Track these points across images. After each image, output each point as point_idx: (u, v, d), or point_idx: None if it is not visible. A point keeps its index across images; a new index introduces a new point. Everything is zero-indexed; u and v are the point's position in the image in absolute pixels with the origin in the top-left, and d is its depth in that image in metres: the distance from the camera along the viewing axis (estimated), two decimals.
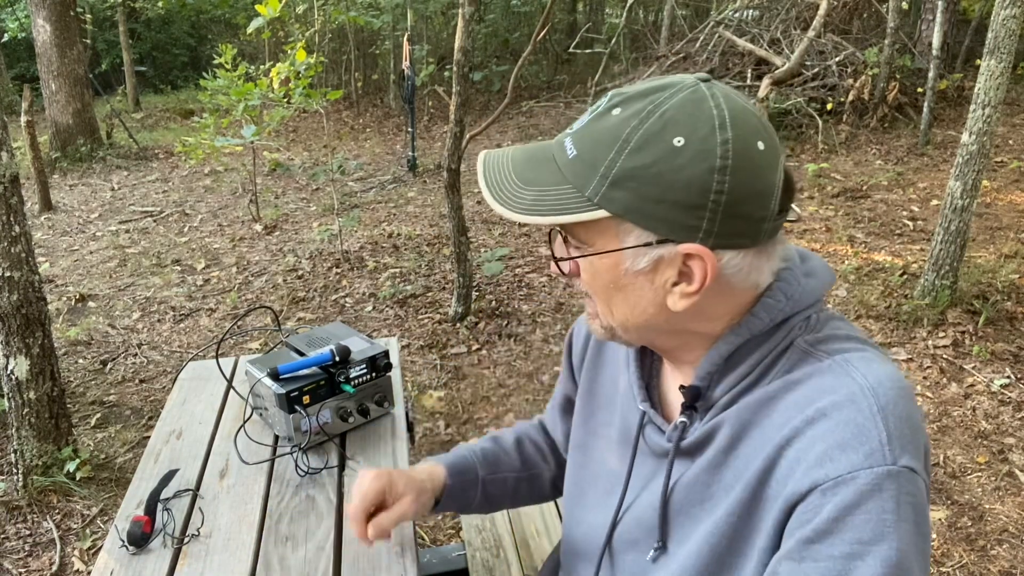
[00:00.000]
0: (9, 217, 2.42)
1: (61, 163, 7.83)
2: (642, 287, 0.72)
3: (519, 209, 0.70)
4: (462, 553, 1.70)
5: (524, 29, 11.64)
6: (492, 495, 1.11)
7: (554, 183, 0.71)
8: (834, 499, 0.63)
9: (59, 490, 2.62)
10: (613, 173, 0.67)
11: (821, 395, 0.68)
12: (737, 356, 0.74)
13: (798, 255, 0.77)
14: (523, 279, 4.45)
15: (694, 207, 0.66)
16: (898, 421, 0.64)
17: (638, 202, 0.67)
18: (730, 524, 0.72)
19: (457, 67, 3.50)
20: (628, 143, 0.67)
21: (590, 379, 0.98)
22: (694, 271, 0.69)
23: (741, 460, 0.72)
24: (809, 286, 0.75)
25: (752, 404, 0.72)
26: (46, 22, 7.34)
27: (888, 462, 0.63)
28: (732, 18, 8.40)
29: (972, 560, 2.26)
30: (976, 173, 3.38)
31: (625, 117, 0.68)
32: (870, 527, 0.61)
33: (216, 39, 13.34)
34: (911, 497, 0.63)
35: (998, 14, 3.23)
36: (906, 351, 3.39)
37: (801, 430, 0.67)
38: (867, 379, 0.67)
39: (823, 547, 0.63)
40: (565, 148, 0.72)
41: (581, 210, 0.68)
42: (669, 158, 0.66)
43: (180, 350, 3.79)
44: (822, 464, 0.64)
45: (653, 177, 0.66)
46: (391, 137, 9.08)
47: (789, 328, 0.74)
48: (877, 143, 6.82)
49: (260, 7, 4.30)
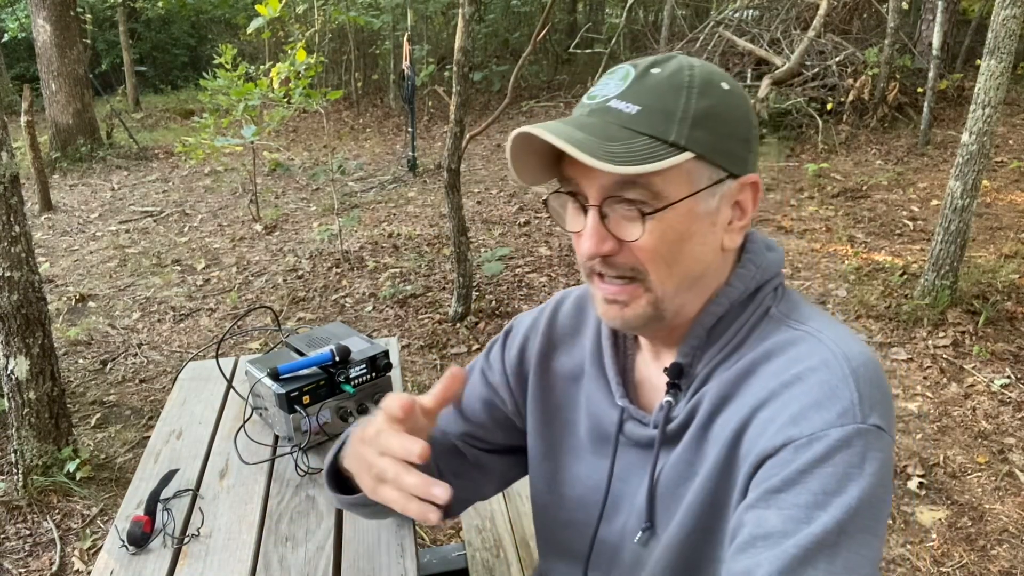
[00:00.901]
0: (9, 217, 2.42)
1: (61, 163, 7.83)
2: (707, 231, 0.75)
3: (615, 160, 0.67)
4: (462, 553, 1.70)
5: (524, 29, 11.64)
6: None
7: (629, 137, 0.70)
8: (806, 454, 0.66)
9: (59, 490, 2.62)
10: (692, 115, 0.71)
11: (797, 362, 0.71)
12: (718, 328, 0.78)
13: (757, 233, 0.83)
14: (523, 279, 4.45)
15: (748, 140, 0.75)
16: (868, 384, 0.69)
17: (716, 140, 0.72)
18: (708, 490, 0.75)
19: (457, 67, 3.50)
20: (692, 89, 0.72)
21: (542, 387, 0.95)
22: (745, 203, 0.77)
23: (718, 430, 0.75)
24: (772, 258, 0.81)
25: (731, 377, 0.75)
26: (46, 22, 7.34)
27: (859, 420, 0.66)
28: (732, 18, 8.40)
29: (972, 560, 2.26)
30: (976, 173, 3.38)
31: (673, 70, 0.73)
32: (836, 479, 0.65)
33: (216, 39, 13.34)
34: (878, 452, 0.66)
35: (998, 14, 3.23)
36: (906, 351, 3.39)
37: (777, 392, 0.71)
38: (839, 346, 0.71)
39: (788, 496, 0.66)
40: (619, 109, 0.72)
41: (671, 155, 0.69)
42: (726, 99, 0.73)
43: (180, 350, 3.79)
44: (796, 422, 0.67)
45: (721, 114, 0.72)
46: (391, 137, 9.09)
47: (762, 298, 0.79)
48: (877, 143, 6.81)
49: (260, 7, 4.30)
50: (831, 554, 0.63)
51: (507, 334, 1.01)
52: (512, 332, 1.01)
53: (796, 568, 0.63)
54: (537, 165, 0.77)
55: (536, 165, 0.77)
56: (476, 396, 1.02)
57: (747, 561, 0.65)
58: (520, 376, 0.98)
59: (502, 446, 1.03)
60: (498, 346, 1.02)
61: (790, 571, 0.63)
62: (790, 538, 0.64)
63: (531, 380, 0.96)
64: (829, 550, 0.63)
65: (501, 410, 1.01)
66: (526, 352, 0.97)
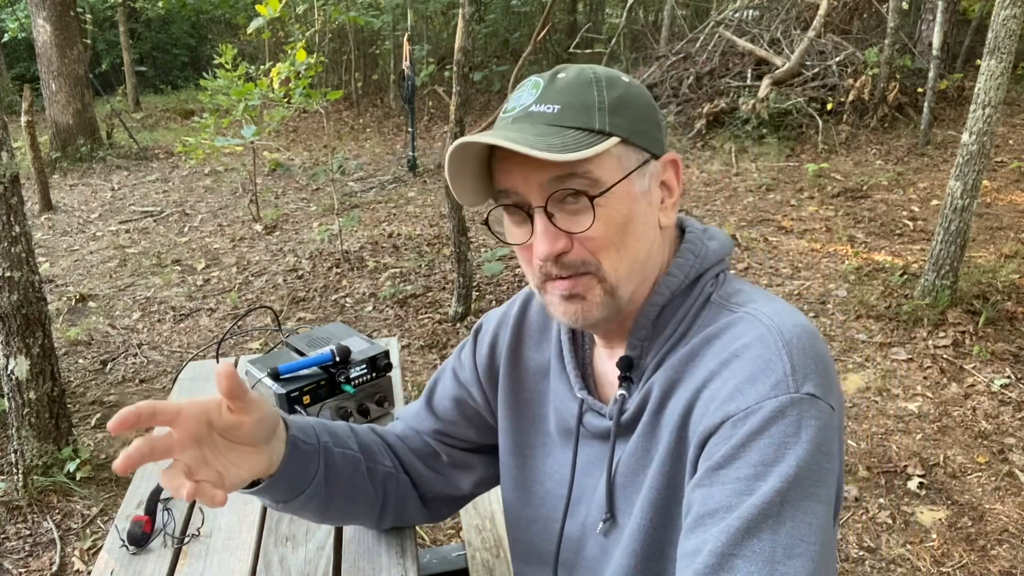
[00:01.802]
0: (9, 217, 2.42)
1: (61, 163, 7.83)
2: (645, 211, 0.78)
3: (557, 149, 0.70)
4: (462, 553, 1.70)
5: (524, 29, 11.64)
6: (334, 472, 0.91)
7: (557, 133, 0.73)
8: (742, 428, 0.67)
9: (59, 490, 2.62)
10: (608, 104, 0.75)
11: (734, 341, 0.73)
12: (662, 319, 0.80)
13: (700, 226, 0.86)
14: (523, 279, 4.45)
15: (657, 122, 0.80)
16: (801, 353, 0.70)
17: (634, 124, 0.76)
18: (663, 474, 0.76)
19: (457, 67, 3.50)
20: (600, 82, 0.77)
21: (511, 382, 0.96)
22: (671, 180, 0.81)
23: (668, 416, 0.77)
24: (712, 247, 0.83)
25: (676, 363, 0.77)
26: (46, 22, 7.34)
27: (791, 390, 0.68)
28: (732, 18, 8.40)
29: (972, 560, 2.26)
30: (976, 173, 3.38)
31: (576, 72, 0.78)
32: (772, 449, 0.66)
33: (216, 39, 13.35)
34: (815, 420, 0.67)
35: (998, 14, 3.23)
36: (906, 351, 3.39)
37: (716, 371, 0.73)
38: (772, 320, 0.73)
39: (730, 471, 0.67)
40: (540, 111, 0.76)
41: (600, 141, 0.73)
42: (629, 88, 0.78)
43: (180, 350, 3.79)
44: (733, 398, 0.69)
45: (632, 100, 0.77)
46: (391, 137, 9.09)
47: (702, 286, 0.81)
48: (877, 143, 6.82)
49: (260, 7, 4.30)
50: (775, 524, 0.64)
51: (477, 331, 1.02)
52: (482, 329, 1.01)
53: (741, 540, 0.64)
54: (472, 184, 0.79)
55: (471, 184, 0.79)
56: (447, 394, 1.03)
57: (696, 539, 0.67)
58: (491, 372, 0.99)
59: (476, 444, 1.04)
60: (469, 344, 1.03)
61: (735, 544, 0.64)
62: (733, 512, 0.65)
63: (501, 376, 0.97)
64: (773, 520, 0.64)
65: (472, 407, 1.01)
66: (496, 348, 0.98)
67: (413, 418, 1.06)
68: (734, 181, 6.20)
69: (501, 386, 0.97)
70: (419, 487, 1.02)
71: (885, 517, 2.43)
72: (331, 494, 0.92)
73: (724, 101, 7.38)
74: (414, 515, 1.05)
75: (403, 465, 1.01)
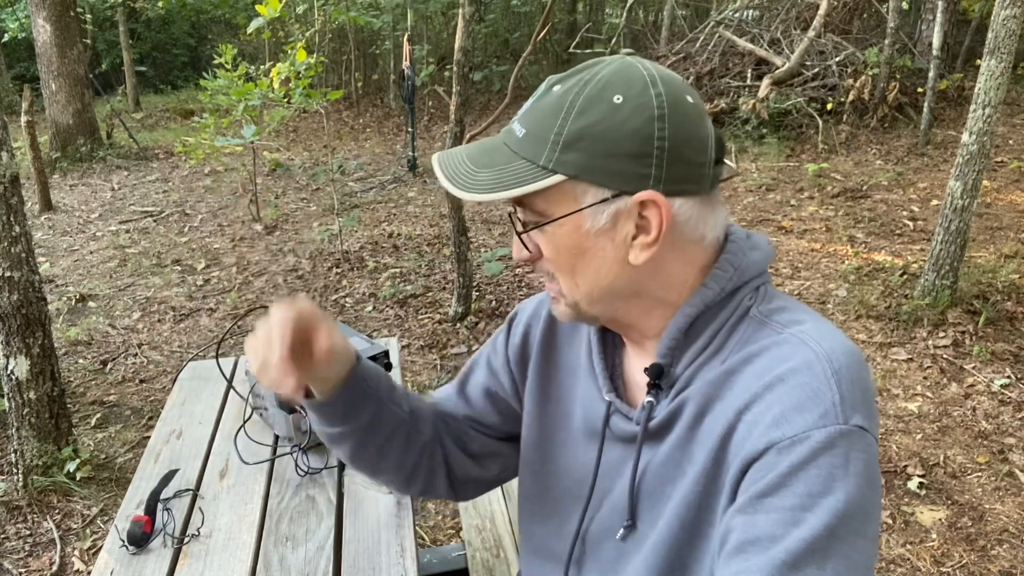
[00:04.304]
0: (9, 217, 2.42)
1: (61, 163, 7.83)
2: (604, 247, 0.75)
3: (478, 189, 0.73)
4: (462, 553, 1.70)
5: (524, 29, 11.63)
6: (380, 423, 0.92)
7: (507, 162, 0.74)
8: (789, 456, 0.66)
9: (59, 490, 2.62)
10: (563, 138, 0.72)
11: (779, 363, 0.71)
12: (695, 329, 0.78)
13: (744, 233, 0.82)
14: (523, 279, 4.45)
15: (641, 155, 0.71)
16: (850, 384, 0.68)
17: (590, 160, 0.72)
18: (696, 494, 0.75)
19: (457, 67, 3.50)
20: (572, 108, 0.72)
21: (541, 376, 0.96)
22: (651, 220, 0.73)
23: (705, 433, 0.75)
24: (754, 257, 0.79)
25: (714, 379, 0.75)
26: (46, 22, 7.34)
27: (840, 421, 0.66)
28: (732, 18, 8.40)
29: (972, 560, 2.26)
30: (976, 173, 3.38)
31: (565, 89, 0.74)
32: (820, 480, 0.64)
33: (216, 39, 13.35)
34: (862, 453, 0.66)
35: (998, 14, 3.23)
36: (906, 351, 3.39)
37: (760, 395, 0.70)
38: (821, 346, 0.71)
39: (775, 500, 0.66)
40: (514, 131, 0.76)
41: (538, 179, 0.72)
42: (612, 114, 0.71)
43: (180, 350, 3.79)
44: (779, 425, 0.67)
45: (600, 134, 0.71)
46: (391, 137, 9.09)
47: (740, 298, 0.78)
48: (877, 143, 6.81)
49: (260, 7, 4.30)
50: (821, 559, 0.62)
51: (512, 320, 1.02)
52: (516, 318, 1.02)
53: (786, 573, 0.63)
54: None
55: None
56: (480, 383, 1.03)
57: (737, 566, 0.65)
58: (522, 362, 0.99)
59: (506, 433, 1.03)
60: (503, 332, 1.03)
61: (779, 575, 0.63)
62: (778, 543, 0.64)
63: (531, 368, 0.97)
64: (820, 555, 0.63)
65: (503, 397, 1.02)
66: (529, 338, 0.98)
67: (446, 400, 1.06)
68: (734, 181, 6.20)
69: (530, 378, 0.97)
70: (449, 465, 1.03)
71: (885, 517, 2.43)
72: (368, 440, 0.93)
73: (724, 101, 7.38)
74: (440, 490, 1.05)
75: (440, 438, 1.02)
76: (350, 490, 1.27)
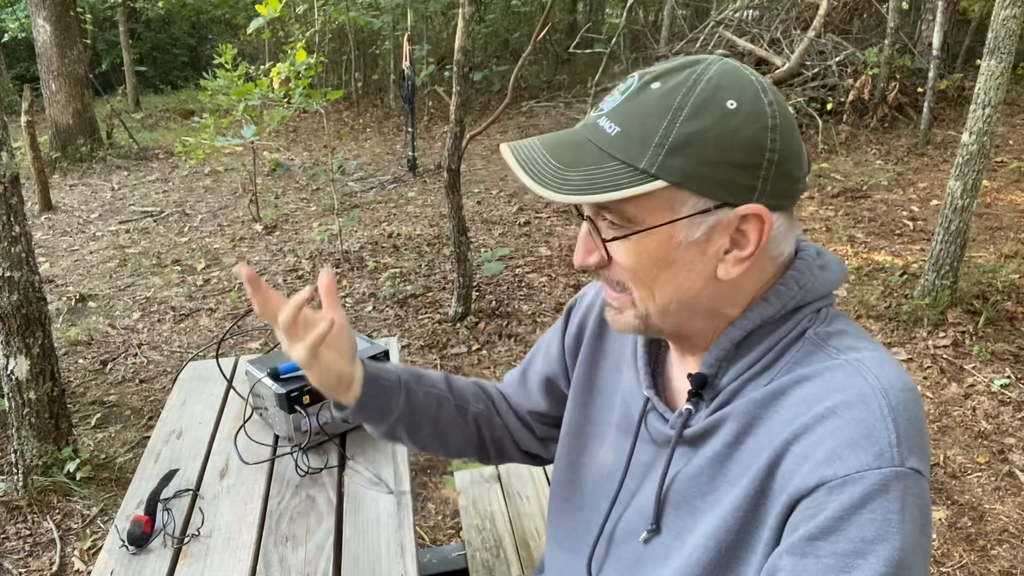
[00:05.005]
0: (9, 217, 2.42)
1: (61, 163, 7.83)
2: (692, 260, 0.71)
3: (568, 190, 0.67)
4: (462, 553, 1.70)
5: (524, 29, 11.64)
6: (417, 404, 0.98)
7: (598, 162, 0.69)
8: (840, 497, 0.63)
9: (59, 490, 2.62)
10: (670, 141, 0.67)
11: (832, 393, 0.67)
12: (747, 343, 0.75)
13: (815, 250, 0.78)
14: (523, 279, 4.45)
15: (751, 167, 0.68)
16: (907, 424, 0.65)
17: (698, 167, 0.67)
18: (737, 519, 0.72)
19: (457, 67, 3.50)
20: (682, 110, 0.67)
21: (589, 365, 0.96)
22: (749, 234, 0.70)
23: (747, 454, 0.72)
24: (822, 278, 0.75)
25: (760, 399, 0.72)
26: (46, 22, 7.34)
27: (896, 463, 0.63)
28: (732, 18, 8.40)
29: (972, 560, 2.26)
30: (976, 173, 3.38)
31: (670, 88, 0.68)
32: (875, 526, 0.61)
33: (216, 39, 13.35)
34: (917, 499, 0.63)
35: (998, 14, 3.23)
36: (906, 351, 3.39)
37: (810, 426, 0.67)
38: (879, 380, 0.67)
39: (826, 544, 0.63)
40: (602, 128, 0.70)
41: (637, 183, 0.67)
42: (725, 120, 0.67)
43: (180, 350, 3.79)
44: (831, 462, 0.64)
45: (712, 140, 0.67)
46: (391, 137, 9.09)
47: (799, 319, 0.74)
48: (877, 143, 6.82)
49: (260, 7, 4.30)
50: None
51: (570, 309, 1.03)
52: (575, 307, 1.02)
53: None
54: None
55: None
56: (539, 371, 1.05)
57: None
58: (575, 350, 0.99)
59: None
60: (561, 321, 1.04)
61: None
62: None
63: (581, 356, 0.97)
64: None
65: (558, 386, 1.03)
66: (584, 328, 0.98)
67: (511, 386, 1.09)
68: None
69: (578, 368, 0.97)
70: (515, 438, 1.08)
71: None
72: (416, 423, 0.99)
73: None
74: (515, 457, 1.10)
75: (500, 415, 1.07)
76: (350, 490, 1.27)
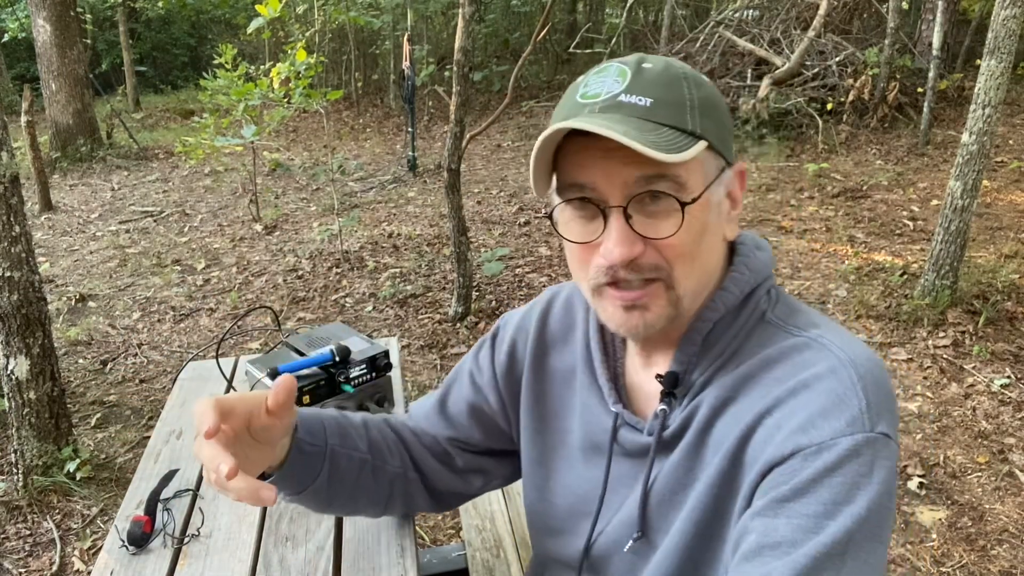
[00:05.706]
0: (9, 217, 2.42)
1: (61, 163, 7.83)
2: (716, 223, 0.74)
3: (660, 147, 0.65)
4: (462, 553, 1.70)
5: (524, 29, 11.64)
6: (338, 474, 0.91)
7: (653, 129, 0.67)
8: (815, 463, 0.65)
9: (59, 490, 2.62)
10: (698, 104, 0.70)
11: (802, 369, 0.70)
12: (713, 334, 0.77)
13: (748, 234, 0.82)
14: (523, 279, 4.45)
15: (731, 126, 0.76)
16: (876, 390, 0.68)
17: (718, 128, 0.72)
18: (710, 496, 0.73)
19: (457, 67, 3.50)
20: (689, 79, 0.71)
21: (536, 391, 0.92)
22: (737, 191, 0.76)
23: (719, 436, 0.74)
24: (762, 258, 0.79)
25: (729, 383, 0.74)
26: (46, 22, 7.34)
27: (867, 429, 0.66)
28: (732, 18, 8.40)
29: (972, 560, 2.26)
30: (976, 173, 3.38)
31: (663, 64, 0.72)
32: (845, 488, 0.64)
33: (216, 39, 13.34)
34: (886, 460, 0.66)
35: (998, 14, 3.23)
36: (906, 351, 3.39)
37: (783, 399, 0.70)
38: (845, 352, 0.70)
39: (797, 506, 0.65)
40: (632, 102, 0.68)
41: (691, 144, 0.68)
42: (711, 89, 0.73)
43: (180, 350, 3.79)
44: (805, 430, 0.67)
45: (717, 103, 0.72)
46: (391, 137, 9.09)
47: (756, 301, 0.77)
48: (877, 143, 6.82)
49: (260, 7, 4.30)
50: (839, 563, 0.63)
51: (495, 334, 0.99)
52: (500, 332, 0.98)
53: None
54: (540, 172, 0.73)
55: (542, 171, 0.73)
56: (463, 398, 0.99)
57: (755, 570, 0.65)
58: (511, 378, 0.95)
59: (489, 448, 1.01)
60: (487, 347, 0.98)
61: None
62: (799, 548, 0.64)
63: (524, 383, 0.93)
64: (837, 559, 0.63)
65: (488, 414, 0.98)
66: (516, 353, 0.94)
67: (425, 419, 1.02)
68: None
69: (524, 396, 0.93)
70: (430, 482, 1.01)
71: None
72: (334, 493, 0.91)
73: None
74: (422, 506, 1.04)
75: (414, 462, 0.99)
76: None
